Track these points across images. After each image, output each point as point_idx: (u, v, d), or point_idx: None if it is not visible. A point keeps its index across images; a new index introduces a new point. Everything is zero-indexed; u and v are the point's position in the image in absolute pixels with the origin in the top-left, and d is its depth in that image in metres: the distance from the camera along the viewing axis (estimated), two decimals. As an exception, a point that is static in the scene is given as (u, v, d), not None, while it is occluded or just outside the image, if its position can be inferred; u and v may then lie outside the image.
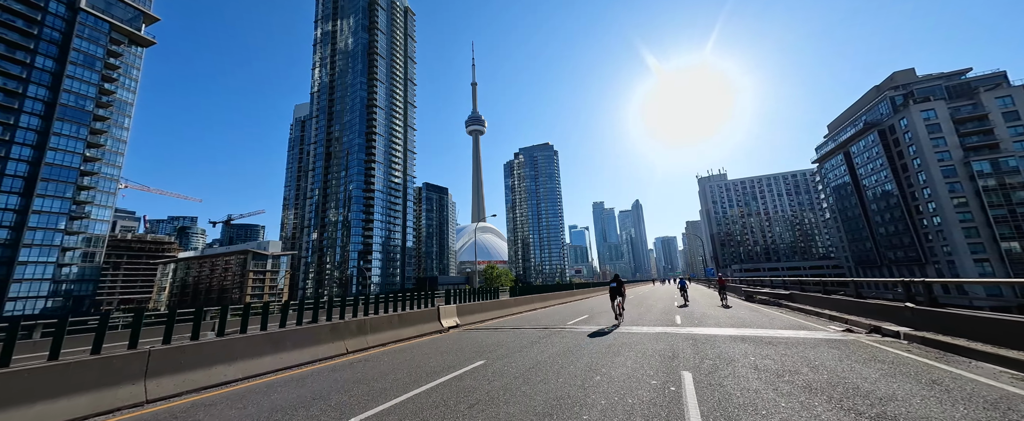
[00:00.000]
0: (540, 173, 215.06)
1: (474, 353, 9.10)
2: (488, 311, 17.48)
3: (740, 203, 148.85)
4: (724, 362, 6.92)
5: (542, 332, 12.81)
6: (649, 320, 15.15)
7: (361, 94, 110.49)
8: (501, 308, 18.90)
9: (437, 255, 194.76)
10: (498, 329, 13.88)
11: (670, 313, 17.60)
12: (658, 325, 13.40)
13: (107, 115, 55.49)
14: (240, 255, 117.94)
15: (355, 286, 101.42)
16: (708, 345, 9.00)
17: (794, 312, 15.21)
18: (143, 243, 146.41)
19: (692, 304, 21.04)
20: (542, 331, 12.97)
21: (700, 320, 14.35)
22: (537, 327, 14.17)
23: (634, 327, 13.32)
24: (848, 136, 74.22)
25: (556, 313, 19.75)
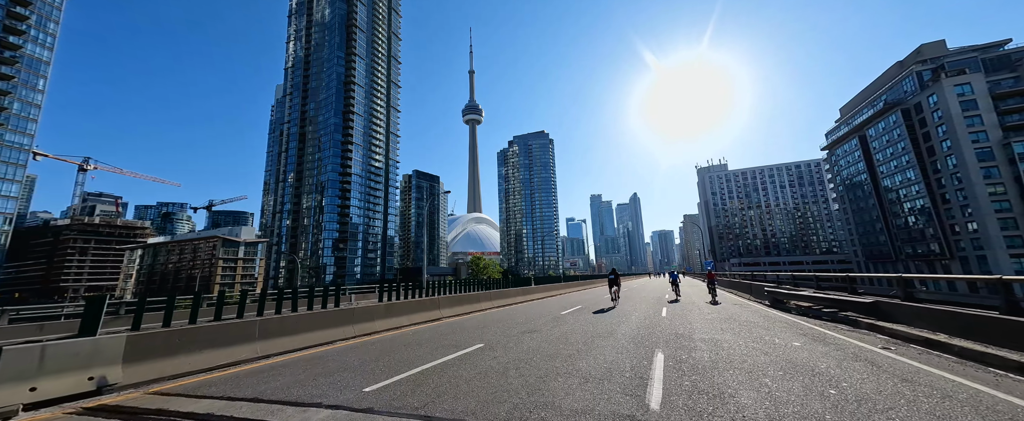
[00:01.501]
0: (535, 162, 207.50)
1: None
2: (429, 310, 13.14)
3: (740, 195, 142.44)
4: None
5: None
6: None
7: (338, 70, 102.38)
8: (464, 304, 15.10)
9: (427, 245, 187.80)
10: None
11: (655, 316, 10.67)
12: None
13: (12, 73, 47.02)
14: (210, 242, 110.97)
15: (330, 276, 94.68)
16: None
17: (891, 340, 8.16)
18: (112, 227, 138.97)
19: (683, 300, 17.78)
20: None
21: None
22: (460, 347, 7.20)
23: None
24: (865, 118, 67.30)
25: (529, 311, 15.09)
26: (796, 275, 14.33)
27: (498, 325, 10.88)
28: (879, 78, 68.14)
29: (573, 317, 12.12)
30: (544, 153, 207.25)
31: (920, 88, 56.73)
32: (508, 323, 11.21)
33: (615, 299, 17.56)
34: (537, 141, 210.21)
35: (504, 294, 18.40)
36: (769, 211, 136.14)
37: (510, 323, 11.21)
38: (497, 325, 10.89)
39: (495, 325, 10.95)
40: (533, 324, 11.02)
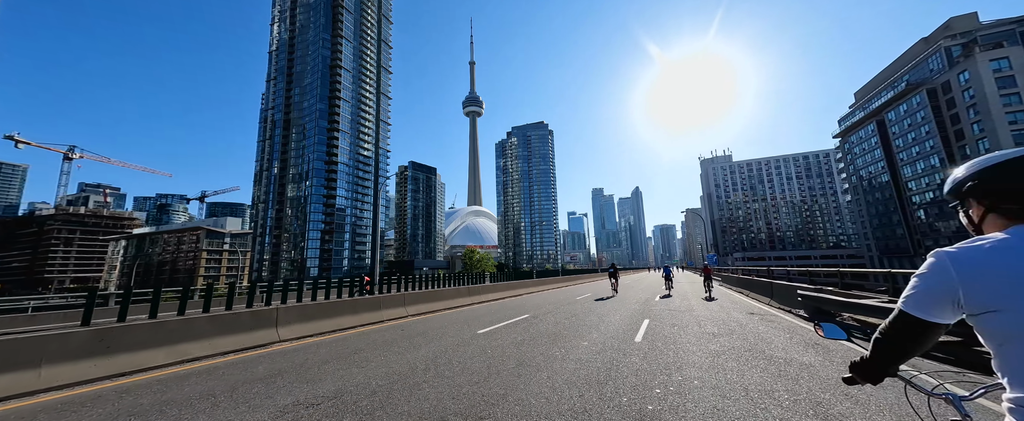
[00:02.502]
0: (533, 154, 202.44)
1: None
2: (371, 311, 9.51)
3: (745, 187, 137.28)
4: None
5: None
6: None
7: (323, 53, 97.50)
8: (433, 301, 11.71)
9: (423, 238, 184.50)
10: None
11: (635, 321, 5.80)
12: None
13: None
14: (193, 233, 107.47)
15: (315, 270, 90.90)
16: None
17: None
18: (99, 218, 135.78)
19: (676, 298, 15.03)
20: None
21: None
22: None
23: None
24: (884, 101, 62.04)
25: (501, 310, 11.71)
26: (843, 270, 9.88)
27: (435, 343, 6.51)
28: (901, 57, 62.72)
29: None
30: (543, 144, 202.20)
31: (949, 65, 51.45)
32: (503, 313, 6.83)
33: (615, 290, 18.58)
34: (536, 132, 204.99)
35: (488, 289, 14.14)
36: (775, 204, 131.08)
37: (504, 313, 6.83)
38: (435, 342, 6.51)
39: (433, 341, 6.57)
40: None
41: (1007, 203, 0.94)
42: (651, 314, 9.92)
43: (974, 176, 0.99)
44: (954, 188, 1.05)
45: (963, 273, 0.90)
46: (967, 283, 0.90)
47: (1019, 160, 0.92)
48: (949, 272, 0.92)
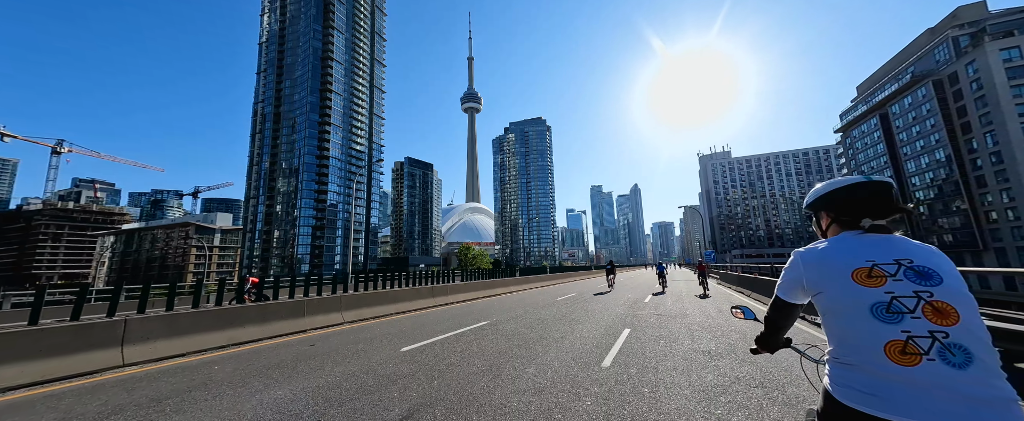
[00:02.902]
0: (531, 150, 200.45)
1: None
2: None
3: (744, 184, 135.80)
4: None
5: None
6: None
7: (314, 44, 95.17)
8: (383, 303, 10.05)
9: (420, 234, 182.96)
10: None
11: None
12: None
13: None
14: (183, 228, 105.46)
15: (306, 267, 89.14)
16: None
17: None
18: (88, 213, 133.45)
19: (669, 296, 13.89)
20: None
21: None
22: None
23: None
24: (888, 94, 60.33)
25: (461, 315, 10.13)
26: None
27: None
28: (906, 49, 60.95)
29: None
30: (541, 140, 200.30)
31: (956, 56, 49.72)
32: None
33: (611, 286, 19.21)
34: (534, 128, 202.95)
35: (446, 291, 12.39)
36: (774, 201, 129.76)
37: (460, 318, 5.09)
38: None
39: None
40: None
41: (843, 216, 1.30)
42: (635, 320, 8.23)
43: (825, 196, 1.35)
44: (812, 203, 1.42)
45: (806, 266, 1.27)
46: (807, 273, 1.27)
47: (854, 186, 1.29)
48: (799, 266, 1.29)
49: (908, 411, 0.96)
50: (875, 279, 1.15)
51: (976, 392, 0.94)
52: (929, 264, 1.15)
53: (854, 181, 1.31)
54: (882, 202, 1.26)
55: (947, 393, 0.95)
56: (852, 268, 1.18)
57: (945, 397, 0.95)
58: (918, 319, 1.06)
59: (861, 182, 1.30)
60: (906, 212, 1.29)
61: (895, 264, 1.16)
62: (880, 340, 1.06)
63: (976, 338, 1.02)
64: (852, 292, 1.15)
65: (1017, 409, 0.94)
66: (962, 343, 1.01)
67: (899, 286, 1.12)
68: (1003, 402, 0.94)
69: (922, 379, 0.98)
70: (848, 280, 1.17)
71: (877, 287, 1.13)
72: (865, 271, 1.17)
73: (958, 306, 1.06)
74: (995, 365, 1.00)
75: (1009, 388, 0.98)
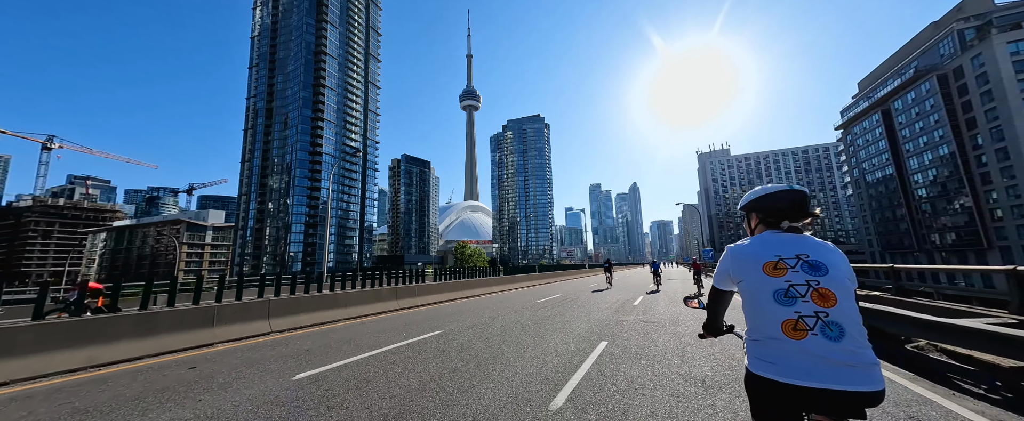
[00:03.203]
0: (529, 147, 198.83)
1: None
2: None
3: (743, 182, 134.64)
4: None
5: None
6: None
7: (307, 39, 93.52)
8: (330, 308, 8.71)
9: (417, 232, 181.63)
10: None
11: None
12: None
13: None
14: (174, 226, 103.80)
15: (298, 264, 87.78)
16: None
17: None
18: (79, 210, 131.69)
19: (662, 297, 13.06)
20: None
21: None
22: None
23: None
24: (890, 89, 59.06)
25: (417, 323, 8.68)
26: (878, 267, 6.93)
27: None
28: (909, 43, 59.65)
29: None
30: (539, 138, 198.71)
31: (961, 50, 48.43)
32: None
33: (609, 283, 19.99)
34: (532, 125, 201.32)
35: (414, 292, 11.02)
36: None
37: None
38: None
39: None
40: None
41: (768, 218, 1.59)
42: (617, 329, 6.91)
43: (755, 201, 1.64)
44: (744, 206, 1.68)
45: (733, 260, 1.56)
46: (733, 266, 1.55)
47: (778, 194, 1.59)
48: (728, 260, 1.58)
49: (796, 375, 1.27)
50: (779, 271, 1.43)
51: (846, 359, 1.25)
52: (821, 259, 1.43)
53: (778, 189, 1.60)
54: (798, 207, 1.55)
55: (825, 360, 1.25)
56: (763, 261, 1.46)
57: (824, 363, 1.25)
58: (807, 302, 1.34)
59: (783, 190, 1.59)
60: (816, 217, 1.57)
61: (796, 258, 1.44)
62: (778, 319, 1.35)
63: (849, 317, 1.31)
64: (761, 281, 1.43)
65: (877, 371, 1.26)
66: (838, 321, 1.30)
67: (795, 276, 1.40)
68: (866, 365, 1.25)
69: (808, 349, 1.28)
70: (759, 271, 1.45)
71: (779, 277, 1.41)
72: (772, 264, 1.45)
73: (837, 292, 1.35)
74: (862, 338, 1.30)
75: (872, 355, 1.28)
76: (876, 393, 1.25)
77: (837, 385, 1.24)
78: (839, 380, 1.24)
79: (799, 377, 1.27)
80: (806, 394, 1.27)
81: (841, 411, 1.27)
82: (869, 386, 1.24)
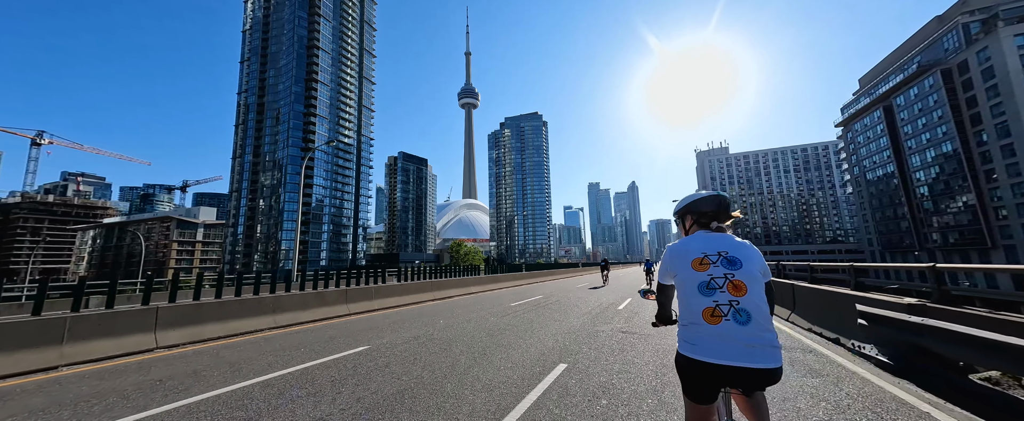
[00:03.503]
0: (527, 145, 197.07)
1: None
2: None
3: (741, 180, 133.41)
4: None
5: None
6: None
7: (299, 32, 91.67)
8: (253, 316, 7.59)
9: (414, 230, 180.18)
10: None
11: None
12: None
13: None
14: (164, 223, 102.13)
15: (291, 262, 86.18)
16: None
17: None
18: (69, 206, 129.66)
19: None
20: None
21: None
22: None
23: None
24: (892, 85, 57.82)
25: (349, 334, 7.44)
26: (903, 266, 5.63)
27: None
28: (912, 38, 58.38)
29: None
30: (537, 135, 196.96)
31: (966, 44, 47.18)
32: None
33: (605, 281, 20.58)
34: (530, 123, 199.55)
35: (371, 294, 9.64)
36: (771, 197, 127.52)
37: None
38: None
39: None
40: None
41: (701, 220, 1.82)
42: (588, 344, 5.58)
43: (689, 205, 1.86)
44: (680, 210, 1.91)
45: (670, 257, 1.77)
46: (670, 262, 1.76)
47: (708, 198, 1.82)
48: (667, 257, 1.80)
49: (711, 354, 1.49)
50: (704, 266, 1.64)
51: (751, 340, 1.47)
52: (738, 255, 1.65)
53: (709, 194, 1.83)
54: (723, 211, 1.79)
55: (735, 341, 1.47)
56: (692, 258, 1.68)
57: (732, 343, 1.47)
58: (723, 293, 1.55)
59: (711, 196, 1.82)
60: (737, 218, 1.83)
61: (717, 255, 1.65)
62: (700, 307, 1.56)
63: (755, 305, 1.53)
64: (689, 275, 1.65)
65: (777, 352, 1.48)
66: (746, 308, 1.51)
67: (716, 270, 1.61)
68: (767, 346, 1.47)
69: (722, 332, 1.49)
70: (688, 267, 1.66)
71: (703, 271, 1.62)
72: (699, 260, 1.66)
73: (748, 284, 1.56)
74: (767, 323, 1.52)
75: (773, 338, 1.50)
76: (775, 370, 1.47)
77: (742, 363, 1.45)
78: (744, 359, 1.45)
79: (713, 356, 1.48)
80: (720, 371, 1.47)
81: (747, 385, 1.52)
82: (768, 364, 1.45)
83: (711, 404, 1.58)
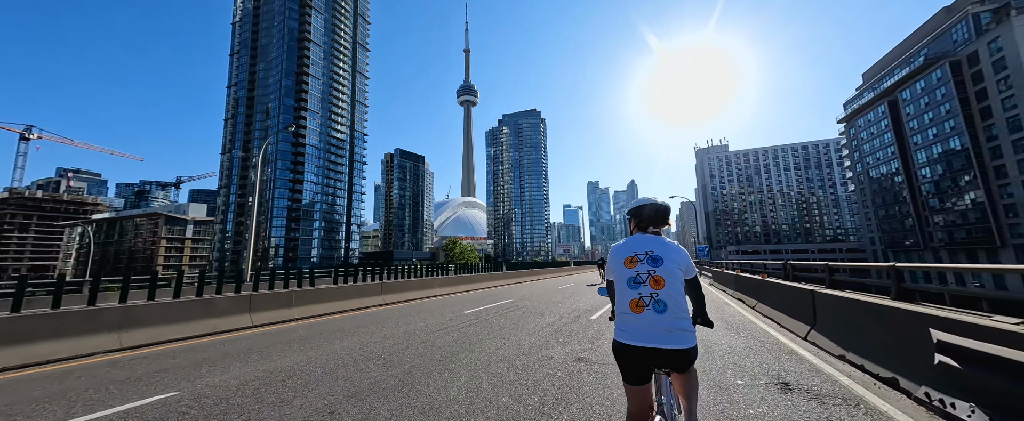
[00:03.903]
0: (525, 143, 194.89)
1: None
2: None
3: (741, 178, 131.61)
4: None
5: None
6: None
7: (290, 24, 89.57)
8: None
9: (411, 228, 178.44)
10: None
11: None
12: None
13: None
14: (152, 219, 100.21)
15: (280, 260, 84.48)
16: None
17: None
18: (58, 202, 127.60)
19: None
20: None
21: None
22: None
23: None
24: (898, 79, 55.96)
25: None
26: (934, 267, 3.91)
27: None
28: (918, 30, 56.48)
29: None
30: (535, 133, 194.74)
31: (976, 35, 45.32)
32: None
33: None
34: (528, 120, 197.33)
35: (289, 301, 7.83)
36: (771, 196, 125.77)
37: None
38: None
39: None
40: None
41: (641, 223, 2.08)
42: (510, 388, 3.79)
43: (633, 210, 2.12)
44: (628, 213, 2.16)
45: (610, 256, 2.06)
46: (611, 260, 2.04)
47: (646, 205, 2.07)
48: (609, 256, 2.06)
49: (636, 339, 1.75)
50: (633, 263, 1.90)
51: (667, 326, 1.73)
52: (661, 254, 1.90)
53: (648, 202, 2.08)
54: (660, 217, 2.05)
55: (654, 327, 1.74)
56: (625, 257, 1.95)
57: (651, 329, 1.74)
58: (646, 286, 1.81)
59: (651, 203, 2.08)
60: (668, 224, 2.08)
61: (645, 254, 1.91)
62: (628, 299, 1.83)
63: (672, 297, 1.78)
64: (622, 272, 1.92)
65: (689, 335, 1.76)
66: (663, 299, 1.77)
67: (642, 267, 1.87)
68: (681, 331, 1.74)
69: (644, 320, 1.76)
70: (622, 264, 1.94)
71: (632, 268, 1.89)
72: (630, 258, 1.93)
73: (667, 278, 1.81)
74: (682, 311, 1.77)
75: (687, 324, 1.77)
76: (689, 349, 1.74)
77: (660, 344, 1.71)
78: (661, 341, 1.71)
79: (637, 340, 1.74)
80: (644, 352, 1.73)
81: (668, 364, 1.76)
82: (681, 345, 1.72)
83: (645, 385, 1.80)
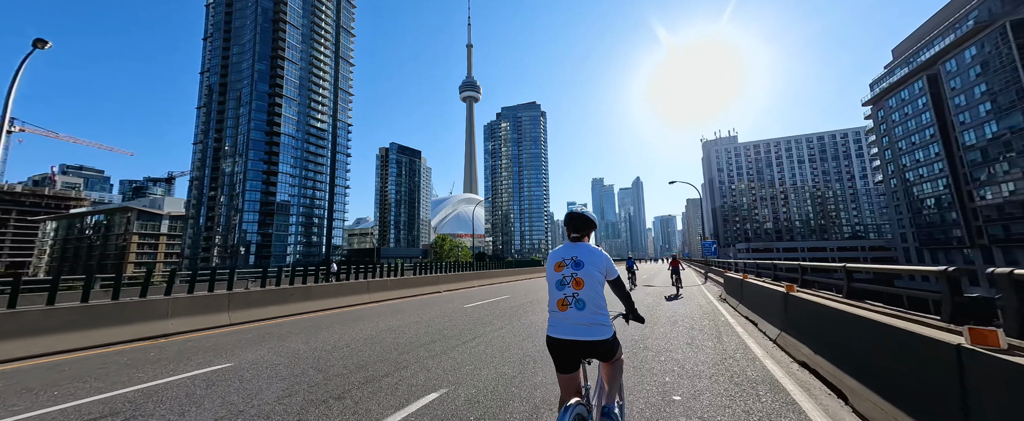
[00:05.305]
0: (524, 137, 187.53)
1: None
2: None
3: (751, 172, 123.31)
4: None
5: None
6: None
7: (264, 4, 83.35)
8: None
9: (406, 225, 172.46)
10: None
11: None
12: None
13: None
14: (124, 214, 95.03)
15: (252, 257, 78.45)
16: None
17: None
18: (38, 197, 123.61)
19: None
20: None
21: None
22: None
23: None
24: (940, 49, 48.11)
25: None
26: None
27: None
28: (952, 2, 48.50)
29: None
30: (535, 126, 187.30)
31: (1043, -13, 37.45)
32: None
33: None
34: (527, 113, 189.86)
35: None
36: (783, 190, 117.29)
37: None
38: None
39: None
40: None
41: (570, 231, 2.33)
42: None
43: (565, 217, 2.34)
44: (563, 222, 2.36)
45: (548, 260, 2.32)
46: (546, 265, 2.31)
47: (574, 214, 2.33)
48: (546, 262, 2.32)
49: (561, 332, 2.06)
50: (560, 267, 2.19)
51: (586, 321, 2.05)
52: (583, 258, 2.18)
53: (577, 213, 2.33)
54: (582, 225, 2.30)
55: (574, 321, 2.05)
56: (555, 262, 2.24)
57: (573, 324, 2.05)
58: (569, 287, 2.12)
59: (579, 214, 2.32)
60: (593, 229, 2.37)
61: (571, 259, 2.19)
62: (556, 299, 2.14)
63: (590, 296, 2.08)
64: (552, 275, 2.21)
65: (604, 328, 2.07)
66: (583, 298, 2.08)
67: (567, 271, 2.16)
68: (598, 324, 2.05)
69: (568, 316, 2.07)
70: (552, 269, 2.23)
71: (560, 272, 2.18)
72: (558, 263, 2.22)
73: (586, 280, 2.11)
74: (599, 309, 2.08)
75: (603, 319, 2.07)
76: (606, 340, 2.05)
77: (582, 337, 2.02)
78: (581, 334, 2.02)
79: (562, 333, 2.05)
80: (568, 344, 2.04)
81: (589, 354, 2.08)
82: (598, 337, 2.03)
83: (574, 373, 2.09)
